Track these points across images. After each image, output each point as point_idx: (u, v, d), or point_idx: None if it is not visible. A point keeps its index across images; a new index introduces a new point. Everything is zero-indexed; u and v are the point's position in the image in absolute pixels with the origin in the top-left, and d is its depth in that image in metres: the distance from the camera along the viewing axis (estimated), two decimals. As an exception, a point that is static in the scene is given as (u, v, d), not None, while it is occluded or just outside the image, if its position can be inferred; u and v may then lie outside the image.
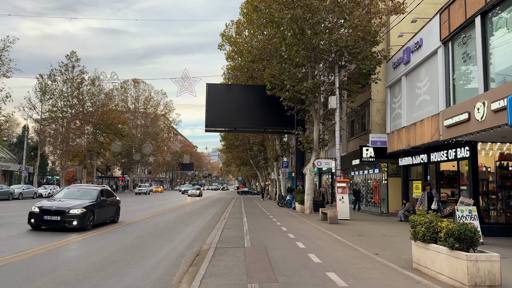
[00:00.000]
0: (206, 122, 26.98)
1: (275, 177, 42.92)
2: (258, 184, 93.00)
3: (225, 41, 32.77)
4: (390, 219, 20.11)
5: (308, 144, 23.02)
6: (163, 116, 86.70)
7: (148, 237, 12.57)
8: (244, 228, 15.02)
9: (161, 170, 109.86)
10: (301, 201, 24.32)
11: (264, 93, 25.42)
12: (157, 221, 17.82)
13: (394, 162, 21.99)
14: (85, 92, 58.31)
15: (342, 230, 14.71)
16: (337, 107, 20.21)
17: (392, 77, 19.29)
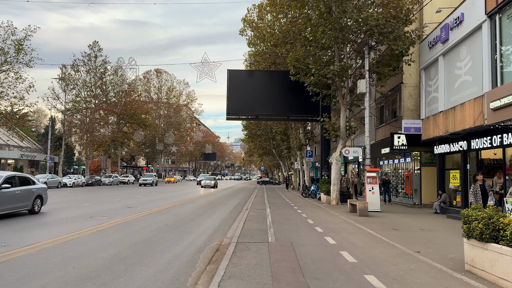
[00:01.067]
0: (228, 110, 26.07)
1: (299, 167, 41.79)
2: (280, 174, 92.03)
3: (247, 26, 31.65)
4: (424, 211, 18.77)
5: (334, 132, 21.79)
6: (186, 106, 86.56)
7: (165, 229, 11.80)
8: (268, 220, 14.09)
9: (184, 160, 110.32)
10: (327, 191, 23.19)
11: (288, 79, 24.25)
12: (177, 211, 17.11)
13: (428, 150, 20.57)
14: (108, 82, 58.52)
15: (374, 223, 13.57)
16: (367, 91, 18.88)
17: (427, 58, 17.79)
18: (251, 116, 27.97)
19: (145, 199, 24.07)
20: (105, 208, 17.61)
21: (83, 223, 12.45)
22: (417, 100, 22.51)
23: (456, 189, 17.07)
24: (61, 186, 40.54)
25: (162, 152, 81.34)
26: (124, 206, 19.01)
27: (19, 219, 13.12)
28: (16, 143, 48.99)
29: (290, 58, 21.74)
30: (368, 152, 18.94)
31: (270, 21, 29.11)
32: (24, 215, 14.33)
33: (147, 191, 35.22)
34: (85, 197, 24.84)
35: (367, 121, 19.13)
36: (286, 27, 23.81)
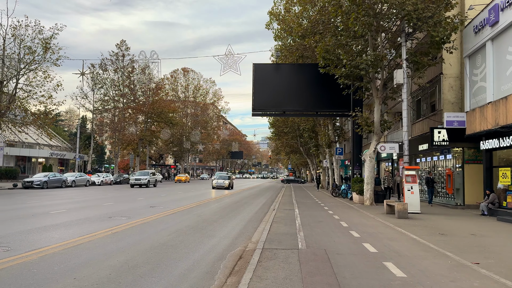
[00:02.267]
0: (253, 105, 25.00)
1: (328, 165, 40.27)
2: (308, 172, 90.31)
3: (273, 19, 30.46)
4: (468, 212, 17.10)
5: (368, 127, 20.32)
6: (212, 104, 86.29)
7: (185, 231, 10.86)
8: (297, 222, 12.94)
9: (211, 159, 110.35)
10: (360, 191, 21.75)
11: (316, 72, 22.92)
12: (200, 211, 16.21)
13: (471, 146, 18.82)
14: (136, 81, 58.75)
15: (416, 226, 12.17)
16: (404, 82, 17.37)
17: (472, 45, 16.11)
18: (278, 112, 26.83)
19: (170, 198, 23.38)
20: (127, 208, 16.93)
21: (99, 224, 11.70)
22: (459, 92, 20.74)
23: (507, 189, 15.35)
24: (89, 184, 40.73)
25: (190, 150, 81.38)
26: (147, 205, 18.31)
27: (37, 218, 12.54)
28: (46, 142, 49.76)
29: (319, 49, 20.42)
30: (406, 148, 17.44)
31: (297, 13, 27.84)
32: (42, 214, 13.80)
33: (167, 190, 34.68)
34: (110, 196, 24.42)
35: (405, 115, 17.62)
36: (314, 16, 22.51)
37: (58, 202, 19.61)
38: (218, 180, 37.84)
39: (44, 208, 15.96)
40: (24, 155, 47.19)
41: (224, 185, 36.93)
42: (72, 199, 21.74)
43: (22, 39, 32.24)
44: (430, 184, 20.34)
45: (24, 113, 34.43)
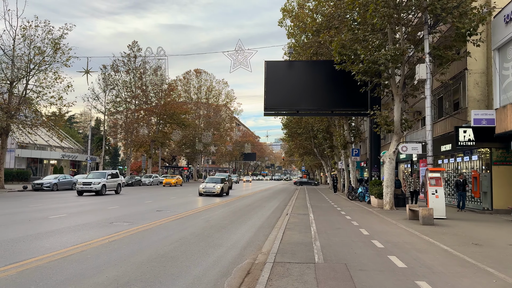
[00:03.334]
0: (265, 105, 23.96)
1: (343, 166, 38.98)
2: (322, 174, 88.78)
3: (286, 16, 29.46)
4: (497, 218, 15.75)
5: (387, 127, 19.09)
6: (225, 106, 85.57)
7: (190, 240, 9.89)
8: (312, 229, 11.85)
9: (224, 160, 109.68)
10: (379, 194, 20.51)
11: (331, 69, 21.77)
12: (208, 216, 15.24)
13: (500, 146, 17.49)
14: (148, 82, 58.35)
15: (445, 235, 10.96)
16: (427, 78, 16.12)
17: (502, 36, 14.80)
18: (291, 111, 25.73)
19: (178, 201, 22.51)
20: (132, 212, 16.08)
21: (98, 231, 10.82)
22: (485, 89, 19.38)
23: (543, 193, 14.00)
24: (100, 186, 40.19)
25: (202, 152, 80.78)
26: (154, 209, 17.44)
27: (33, 224, 11.74)
28: (58, 144, 49.60)
29: (335, 44, 19.26)
30: (430, 148, 16.17)
31: (312, 8, 26.74)
32: (40, 219, 13.02)
33: (171, 192, 33.84)
34: (117, 199, 23.68)
35: (428, 112, 16.35)
36: (329, 10, 21.39)
37: (63, 205, 18.90)
38: (207, 184, 28.83)
39: (45, 213, 15.19)
40: (35, 156, 47.06)
41: (214, 191, 27.76)
42: (77, 202, 21.04)
43: (31, 39, 31.91)
44: (460, 188, 18.21)
45: (34, 114, 34.09)
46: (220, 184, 28.75)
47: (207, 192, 27.89)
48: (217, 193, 27.80)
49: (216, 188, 28.04)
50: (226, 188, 30.69)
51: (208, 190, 27.99)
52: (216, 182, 29.19)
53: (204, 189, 28.14)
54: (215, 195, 27.71)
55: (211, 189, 28.03)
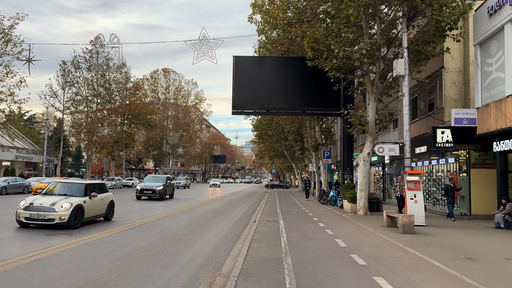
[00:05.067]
0: (234, 103, 22.39)
1: (314, 169, 37.91)
2: (293, 177, 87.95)
3: (256, 11, 27.98)
4: (478, 224, 14.82)
5: (362, 127, 17.94)
6: (194, 107, 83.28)
7: (135, 257, 8.15)
8: (282, 239, 10.35)
9: (193, 163, 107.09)
10: (352, 198, 19.34)
11: (303, 66, 20.53)
12: (166, 225, 13.44)
13: (478, 148, 16.64)
14: (111, 80, 55.50)
15: (431, 246, 9.72)
16: (406, 74, 15.05)
17: (485, 30, 13.88)
18: (261, 110, 24.25)
19: (137, 207, 20.49)
20: (78, 220, 14.03)
21: (23, 246, 8.91)
22: (462, 88, 18.62)
23: (527, 198, 13.13)
24: (56, 190, 37.30)
25: (170, 154, 78.17)
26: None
27: None
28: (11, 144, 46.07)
29: (307, 38, 17.93)
30: (408, 149, 15.07)
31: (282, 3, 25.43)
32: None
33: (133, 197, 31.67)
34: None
35: (406, 111, 15.27)
36: (301, 3, 20.09)
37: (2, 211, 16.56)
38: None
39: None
40: (-16, 158, 43.44)
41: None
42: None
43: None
44: (450, 194, 16.18)
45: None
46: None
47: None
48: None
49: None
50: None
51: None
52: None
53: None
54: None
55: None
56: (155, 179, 26.70)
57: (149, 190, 24.64)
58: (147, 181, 26.62)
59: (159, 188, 24.81)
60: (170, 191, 27.57)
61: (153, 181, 26.03)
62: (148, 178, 27.36)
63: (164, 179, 26.45)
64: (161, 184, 25.30)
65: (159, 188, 24.80)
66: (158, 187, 24.88)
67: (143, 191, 24.77)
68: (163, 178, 26.53)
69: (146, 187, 24.85)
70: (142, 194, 24.79)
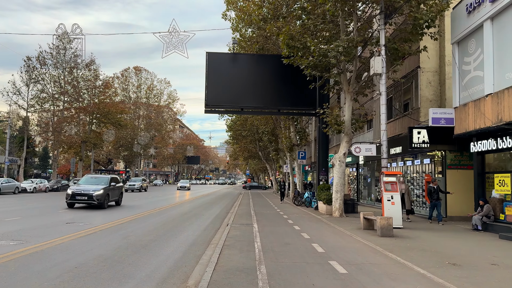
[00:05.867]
0: (206, 101, 21.52)
1: (288, 170, 37.47)
2: (267, 178, 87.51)
3: (230, 7, 27.22)
4: (455, 226, 14.58)
5: (338, 126, 17.49)
6: (167, 107, 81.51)
7: (91, 268, 7.23)
8: (256, 245, 9.64)
9: (166, 164, 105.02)
10: (328, 200, 18.87)
11: (279, 64, 19.93)
12: (130, 230, 12.47)
13: (454, 149, 16.50)
14: (79, 78, 53.36)
15: (412, 251, 9.24)
16: (383, 72, 14.65)
17: (464, 28, 13.64)
18: (235, 109, 23.48)
19: (101, 210, 19.29)
20: (33, 225, 12.87)
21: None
22: (437, 89, 18.50)
23: (504, 199, 12.93)
24: (18, 192, 35.37)
25: (142, 155, 76.16)
26: (64, 220, 14.29)
27: None
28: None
29: (283, 35, 17.33)
30: (385, 149, 14.68)
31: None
32: None
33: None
34: (26, 207, 19.94)
35: (383, 110, 14.87)
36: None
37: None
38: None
39: None
40: None
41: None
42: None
43: None
44: (434, 196, 15.33)
45: None
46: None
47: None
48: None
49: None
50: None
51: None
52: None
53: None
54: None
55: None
56: (94, 180, 20.93)
57: (83, 195, 18.83)
58: (83, 183, 20.78)
59: (98, 193, 18.95)
60: (116, 195, 21.45)
61: (91, 183, 20.24)
62: (85, 179, 21.54)
63: (106, 180, 20.71)
64: (101, 188, 19.40)
65: (97, 193, 18.93)
66: (97, 191, 19.01)
67: (76, 196, 18.94)
68: (106, 179, 20.90)
69: (79, 191, 19.00)
70: (74, 201, 19.03)
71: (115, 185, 21.06)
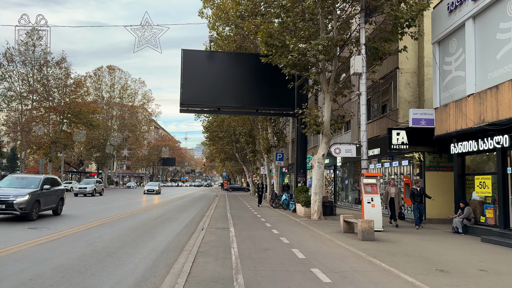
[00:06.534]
0: (182, 100, 20.75)
1: (266, 172, 36.98)
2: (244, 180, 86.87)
3: (207, 4, 26.54)
4: (435, 229, 14.36)
5: (317, 127, 17.08)
6: (141, 107, 79.68)
7: (47, 280, 6.44)
8: (233, 251, 9.02)
9: (140, 166, 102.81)
10: (306, 202, 18.43)
11: (257, 63, 19.41)
12: (98, 235, 11.60)
13: (432, 150, 16.37)
14: (50, 76, 51.35)
15: (396, 256, 8.83)
16: (363, 71, 14.33)
17: (445, 27, 13.44)
18: (212, 109, 22.77)
19: (69, 213, 18.20)
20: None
21: None
22: (416, 90, 18.40)
23: (484, 201, 12.78)
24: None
25: (115, 156, 74.15)
26: (27, 225, 13.26)
27: None
28: None
29: (261, 32, 16.80)
30: (365, 151, 14.35)
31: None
32: None
33: (69, 201, 29.03)
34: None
35: (363, 110, 14.54)
36: (256, -5, 18.96)
37: None
38: None
39: None
40: None
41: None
42: None
43: None
44: (417, 199, 14.42)
45: None
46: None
47: None
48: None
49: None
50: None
51: None
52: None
53: None
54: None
55: None
56: (20, 182, 15.90)
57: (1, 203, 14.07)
58: (3, 185, 15.65)
59: (22, 199, 14.19)
60: (53, 202, 16.61)
61: (15, 186, 15.37)
62: (7, 181, 16.34)
63: (37, 182, 15.76)
64: (28, 192, 14.54)
65: (21, 199, 14.17)
66: (20, 196, 14.23)
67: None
68: (36, 181, 15.84)
69: None
70: None
71: (49, 189, 16.04)
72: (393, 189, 15.17)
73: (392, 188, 15.20)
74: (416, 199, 14.38)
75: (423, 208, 14.84)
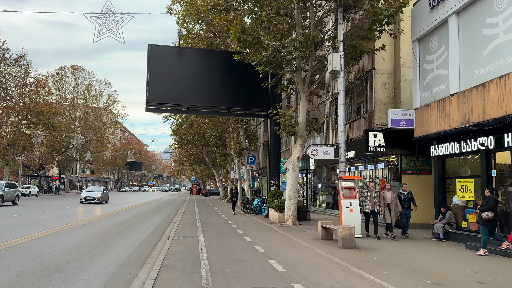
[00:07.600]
0: (148, 98, 19.44)
1: (236, 176, 35.92)
2: (213, 184, 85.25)
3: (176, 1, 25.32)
4: (414, 235, 13.75)
5: (292, 128, 16.25)
6: (106, 109, 76.75)
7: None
8: (202, 264, 7.94)
9: (105, 170, 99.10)
10: (280, 207, 17.53)
11: (229, 61, 18.51)
12: (48, 246, 10.20)
13: (409, 153, 15.87)
14: (7, 75, 48.32)
15: (383, 267, 8.03)
16: (341, 69, 13.63)
17: (426, 24, 12.92)
18: (180, 108, 21.52)
19: (21, 221, 16.48)
20: None
21: None
22: (392, 91, 17.98)
23: (466, 206, 12.29)
24: None
25: (78, 160, 70.86)
26: None
27: None
28: None
29: (234, 27, 15.84)
30: (343, 152, 13.64)
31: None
32: None
33: (24, 207, 26.96)
34: None
35: (341, 110, 13.84)
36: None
37: None
38: None
39: None
40: None
41: None
42: None
43: None
44: (405, 204, 12.90)
45: None
46: None
47: None
48: None
49: None
50: None
51: None
52: None
53: None
54: None
55: None
56: None
57: None
58: None
59: None
60: None
61: None
62: None
63: None
64: None
65: None
66: None
67: None
68: None
69: None
70: None
71: None
72: (389, 194, 12.86)
73: (388, 193, 12.88)
74: (403, 204, 12.83)
75: (410, 214, 13.18)
